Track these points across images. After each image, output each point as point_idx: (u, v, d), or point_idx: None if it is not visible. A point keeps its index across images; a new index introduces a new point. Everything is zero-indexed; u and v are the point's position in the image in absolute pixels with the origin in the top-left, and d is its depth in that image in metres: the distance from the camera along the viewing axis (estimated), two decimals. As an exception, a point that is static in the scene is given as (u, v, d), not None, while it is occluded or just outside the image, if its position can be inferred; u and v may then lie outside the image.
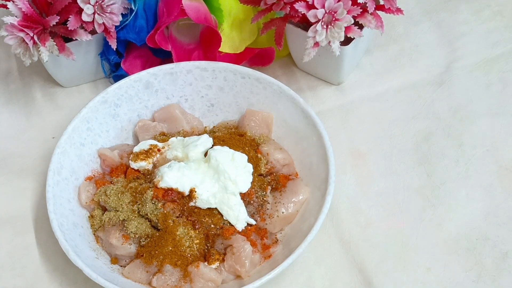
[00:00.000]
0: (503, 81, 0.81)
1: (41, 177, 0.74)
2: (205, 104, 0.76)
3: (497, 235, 0.68)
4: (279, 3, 0.72)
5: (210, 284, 0.64)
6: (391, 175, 0.74)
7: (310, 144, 0.70)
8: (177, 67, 0.75)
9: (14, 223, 0.72)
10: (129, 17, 0.77)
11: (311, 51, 0.71)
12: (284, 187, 0.69)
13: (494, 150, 0.75)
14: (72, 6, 0.71)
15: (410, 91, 0.80)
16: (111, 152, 0.72)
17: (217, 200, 0.66)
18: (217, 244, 0.65)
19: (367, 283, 0.66)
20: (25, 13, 0.72)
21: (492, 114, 0.78)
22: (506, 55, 0.83)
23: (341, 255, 0.68)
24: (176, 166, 0.67)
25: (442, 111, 0.78)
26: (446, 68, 0.82)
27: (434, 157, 0.75)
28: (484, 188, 0.72)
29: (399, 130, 0.77)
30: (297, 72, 0.83)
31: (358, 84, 0.81)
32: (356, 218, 0.71)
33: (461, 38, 0.85)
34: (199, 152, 0.69)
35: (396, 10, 0.73)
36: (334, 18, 0.70)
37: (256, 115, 0.74)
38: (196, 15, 0.74)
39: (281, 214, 0.67)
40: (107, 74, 0.82)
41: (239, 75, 0.74)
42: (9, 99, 0.82)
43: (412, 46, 0.84)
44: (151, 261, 0.64)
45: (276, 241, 0.67)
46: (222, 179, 0.66)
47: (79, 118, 0.71)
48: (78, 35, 0.73)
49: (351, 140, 0.77)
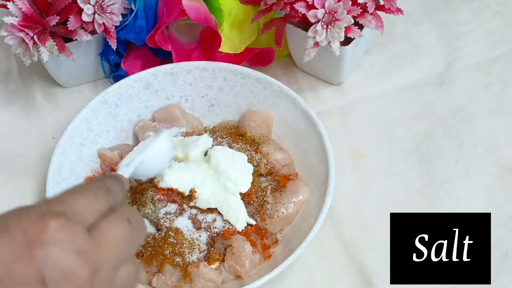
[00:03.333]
0: (503, 81, 0.81)
1: (41, 177, 0.74)
2: (205, 104, 0.76)
3: (497, 235, 0.68)
4: (279, 3, 0.72)
5: (210, 284, 0.64)
6: (391, 175, 0.74)
7: (310, 144, 0.70)
8: (177, 67, 0.75)
9: (14, 223, 0.72)
10: (129, 17, 0.77)
11: (311, 51, 0.71)
12: (284, 187, 0.69)
13: (494, 150, 0.75)
14: (72, 6, 0.71)
15: (410, 91, 0.80)
16: (111, 152, 0.72)
17: (217, 200, 0.66)
18: (217, 244, 0.65)
19: (367, 283, 0.66)
20: (25, 13, 0.72)
21: (492, 114, 0.78)
22: (506, 55, 0.83)
23: (341, 255, 0.68)
24: (176, 166, 0.67)
25: (442, 111, 0.78)
26: (446, 68, 0.82)
27: (434, 157, 0.75)
28: (484, 188, 0.72)
29: (399, 130, 0.77)
30: (297, 72, 0.83)
31: (358, 84, 0.81)
32: (356, 218, 0.71)
33: (461, 38, 0.85)
34: (199, 152, 0.69)
35: (396, 10, 0.73)
36: (334, 18, 0.70)
37: (256, 115, 0.74)
38: (196, 15, 0.74)
39: (281, 214, 0.67)
40: (107, 74, 0.82)
41: (239, 75, 0.74)
42: (9, 99, 0.82)
43: (412, 46, 0.84)
44: (151, 261, 0.64)
45: (276, 241, 0.67)
46: (222, 179, 0.66)
47: (79, 118, 0.71)
48: (78, 35, 0.73)
49: (351, 140, 0.77)
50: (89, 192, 0.44)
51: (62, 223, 0.40)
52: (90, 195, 0.44)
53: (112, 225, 0.43)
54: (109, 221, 0.43)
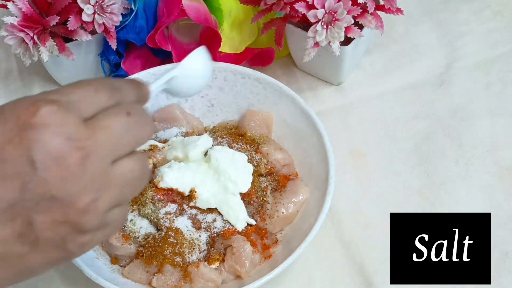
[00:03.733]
0: (503, 81, 0.81)
1: (41, 177, 0.74)
2: (205, 104, 0.76)
3: (497, 235, 0.68)
4: (279, 3, 0.72)
5: (210, 284, 0.64)
6: (391, 175, 0.74)
7: (310, 144, 0.70)
8: (177, 67, 0.74)
9: (14, 223, 0.72)
10: (129, 17, 0.77)
11: (311, 51, 0.71)
12: (284, 187, 0.69)
13: (494, 150, 0.75)
14: (72, 6, 0.71)
15: (410, 91, 0.80)
16: (111, 152, 0.72)
17: (217, 200, 0.66)
18: (217, 244, 0.65)
19: (367, 283, 0.66)
20: (25, 13, 0.72)
21: (492, 114, 0.78)
22: (506, 55, 0.83)
23: (341, 255, 0.68)
24: (176, 166, 0.67)
25: (442, 111, 0.78)
26: (446, 68, 0.82)
27: (434, 157, 0.75)
28: (484, 188, 0.72)
29: (399, 130, 0.77)
30: (297, 72, 0.83)
31: (358, 84, 0.81)
32: (356, 218, 0.71)
33: (461, 38, 0.85)
34: (199, 152, 0.69)
35: (396, 10, 0.73)
36: (334, 18, 0.70)
37: (256, 115, 0.74)
38: (196, 15, 0.74)
39: (281, 214, 0.67)
40: (107, 74, 0.82)
41: (239, 75, 0.74)
42: (9, 99, 0.80)
43: (412, 46, 0.84)
44: (151, 261, 0.64)
45: (276, 241, 0.67)
46: (222, 179, 0.66)
47: (79, 118, 0.71)
48: (78, 35, 0.73)
49: (351, 140, 0.77)
50: (89, 86, 0.45)
51: (54, 109, 0.41)
52: (89, 88, 0.44)
53: (109, 116, 0.44)
54: (107, 112, 0.44)
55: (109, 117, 0.44)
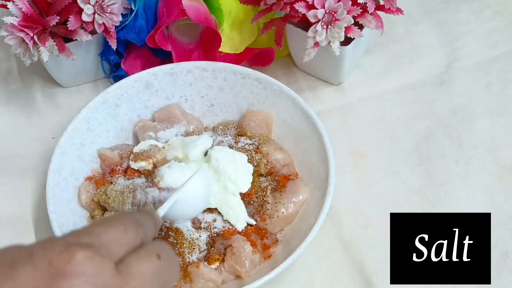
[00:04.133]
0: (503, 81, 0.81)
1: (41, 177, 0.74)
2: (205, 104, 0.76)
3: (497, 235, 0.68)
4: (279, 3, 0.72)
5: (210, 284, 0.64)
6: (391, 175, 0.74)
7: (310, 144, 0.70)
8: (177, 67, 0.75)
9: (14, 224, 0.72)
10: (129, 17, 0.77)
11: (311, 51, 0.71)
12: (284, 187, 0.69)
13: (494, 150, 0.75)
14: (72, 6, 0.71)
15: (410, 91, 0.80)
16: (111, 152, 0.72)
17: (217, 200, 0.66)
18: (217, 244, 0.65)
19: (367, 283, 0.66)
20: (25, 13, 0.72)
21: (492, 114, 0.78)
22: (506, 55, 0.83)
23: (341, 255, 0.68)
24: (176, 166, 0.67)
25: (442, 111, 0.78)
26: (446, 68, 0.82)
27: (434, 157, 0.75)
28: (484, 188, 0.72)
29: (399, 130, 0.77)
30: (297, 72, 0.83)
31: (358, 84, 0.81)
32: (356, 218, 0.71)
33: (461, 38, 0.85)
34: (199, 152, 0.69)
35: (396, 10, 0.73)
36: (334, 18, 0.70)
37: (256, 115, 0.74)
38: (196, 15, 0.74)
39: (281, 214, 0.67)
40: (107, 74, 0.82)
41: (239, 75, 0.74)
42: (9, 99, 0.82)
43: (412, 46, 0.84)
44: (151, 261, 0.64)
45: (276, 241, 0.67)
46: (222, 179, 0.66)
47: (79, 118, 0.71)
48: (78, 35, 0.73)
49: (351, 140, 0.77)
50: (119, 224, 0.42)
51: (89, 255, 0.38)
52: (119, 227, 0.42)
53: (140, 260, 0.41)
54: (138, 255, 0.41)
55: (141, 262, 0.41)
